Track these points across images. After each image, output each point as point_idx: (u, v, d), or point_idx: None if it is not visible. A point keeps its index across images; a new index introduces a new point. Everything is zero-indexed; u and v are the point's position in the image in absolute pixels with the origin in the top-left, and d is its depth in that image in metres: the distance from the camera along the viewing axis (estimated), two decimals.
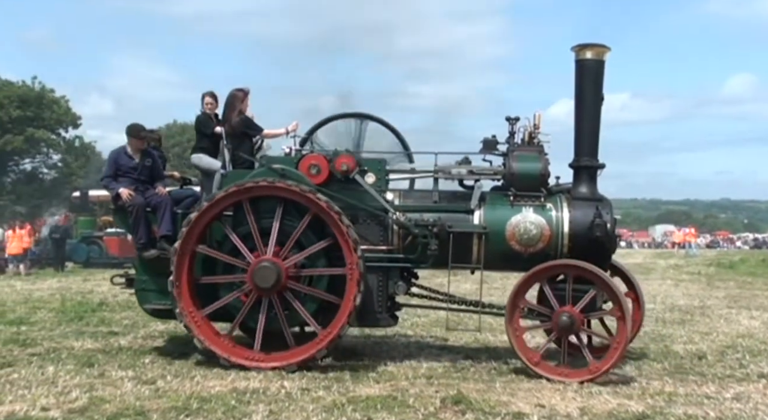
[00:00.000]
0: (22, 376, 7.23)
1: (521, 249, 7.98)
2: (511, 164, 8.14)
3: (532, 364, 7.54)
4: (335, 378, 7.31)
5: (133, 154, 8.72)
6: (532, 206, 8.06)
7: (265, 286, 7.67)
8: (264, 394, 6.59)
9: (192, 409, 6.03)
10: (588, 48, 8.13)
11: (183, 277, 7.74)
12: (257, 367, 7.57)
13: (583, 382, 7.28)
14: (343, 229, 7.62)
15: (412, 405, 6.27)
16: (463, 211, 8.16)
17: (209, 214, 7.81)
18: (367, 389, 6.86)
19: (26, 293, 16.26)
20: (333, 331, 7.68)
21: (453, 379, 7.40)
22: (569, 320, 7.54)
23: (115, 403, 6.20)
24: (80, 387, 6.75)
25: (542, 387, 7.11)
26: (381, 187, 8.16)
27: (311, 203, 7.70)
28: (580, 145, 8.29)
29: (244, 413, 5.95)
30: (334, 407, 6.16)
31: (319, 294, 7.86)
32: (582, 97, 8.25)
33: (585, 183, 8.25)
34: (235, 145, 8.60)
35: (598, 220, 7.84)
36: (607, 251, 8.06)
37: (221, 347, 7.76)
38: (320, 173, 7.96)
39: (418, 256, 8.05)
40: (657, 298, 15.75)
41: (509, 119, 8.34)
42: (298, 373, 7.47)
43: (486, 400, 6.43)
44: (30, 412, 5.90)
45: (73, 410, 5.97)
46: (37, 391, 6.60)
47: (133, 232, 8.56)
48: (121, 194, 8.39)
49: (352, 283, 7.62)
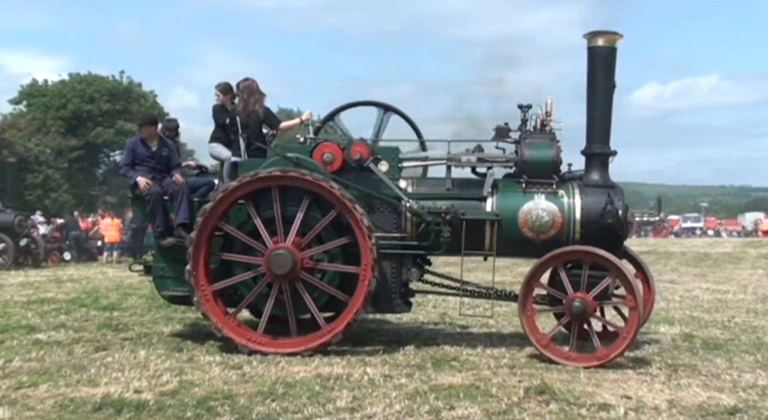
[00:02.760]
0: (115, 359, 7.51)
1: (533, 236, 8.05)
2: (524, 152, 8.19)
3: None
4: (417, 366, 7.33)
5: (150, 143, 8.95)
6: (544, 193, 8.12)
7: (281, 272, 7.79)
8: (347, 380, 6.67)
9: (277, 394, 6.15)
10: (600, 35, 8.16)
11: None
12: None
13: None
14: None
15: (495, 394, 6.23)
16: (476, 198, 8.23)
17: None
18: (449, 378, 6.86)
19: (117, 280, 16.84)
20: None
21: (536, 368, 7.33)
22: (581, 306, 7.58)
23: (204, 387, 6.38)
24: (170, 371, 6.97)
25: (628, 378, 6.98)
26: (394, 175, 8.24)
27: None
28: (592, 133, 8.33)
29: (328, 399, 6.03)
30: (417, 395, 6.18)
31: (328, 289, 7.99)
32: (594, 84, 8.26)
33: (597, 170, 8.29)
34: (249, 134, 8.72)
35: (609, 206, 7.89)
36: (619, 238, 8.11)
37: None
38: (334, 161, 8.05)
39: (431, 243, 8.15)
40: (748, 289, 15.24)
41: (521, 107, 8.41)
42: (380, 360, 7.53)
43: (570, 391, 6.35)
44: (124, 394, 6.12)
45: (164, 393, 6.17)
46: (130, 374, 6.84)
47: (151, 220, 8.81)
48: (139, 183, 8.59)
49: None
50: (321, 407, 5.80)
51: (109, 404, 5.77)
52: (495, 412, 5.76)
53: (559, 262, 7.83)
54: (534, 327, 7.77)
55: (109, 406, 5.74)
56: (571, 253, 7.83)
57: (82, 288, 14.72)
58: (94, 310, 11.22)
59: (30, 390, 6.25)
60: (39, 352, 7.82)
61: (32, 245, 23.00)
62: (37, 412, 5.61)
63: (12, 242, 21.71)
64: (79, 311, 11.01)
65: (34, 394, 6.13)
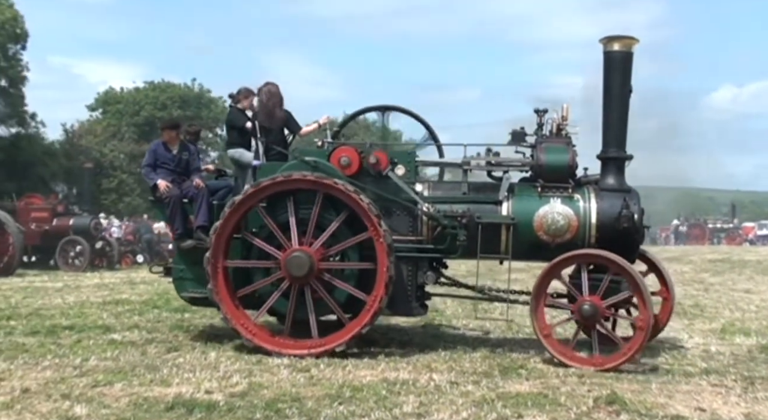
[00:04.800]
0: (187, 360, 7.67)
1: (549, 239, 8.10)
2: (539, 156, 8.24)
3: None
4: (484, 373, 7.28)
5: (171, 147, 9.10)
6: (560, 197, 8.17)
7: (299, 274, 7.86)
8: (414, 386, 6.67)
9: (345, 398, 6.19)
10: (616, 40, 8.16)
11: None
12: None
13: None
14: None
15: (563, 403, 6.14)
16: (492, 202, 8.29)
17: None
18: (516, 386, 6.79)
19: None
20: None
21: (606, 378, 7.19)
22: (591, 309, 7.63)
23: (272, 389, 6.46)
24: (240, 372, 7.08)
25: (702, 390, 6.79)
26: (410, 179, 8.30)
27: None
28: (608, 137, 8.34)
29: (395, 403, 6.04)
30: (484, 402, 6.13)
31: (347, 288, 8.04)
32: (610, 88, 8.26)
33: (612, 174, 8.33)
34: (268, 137, 8.80)
35: (625, 211, 7.90)
36: (635, 242, 8.14)
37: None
38: (351, 165, 8.12)
39: (447, 246, 8.22)
40: None
41: (537, 111, 8.46)
42: (446, 366, 7.51)
43: (642, 402, 6.21)
44: (195, 394, 6.25)
45: (234, 394, 6.28)
46: (201, 375, 6.97)
47: (170, 222, 8.96)
48: (159, 186, 8.76)
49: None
50: (388, 412, 5.82)
51: (180, 404, 5.90)
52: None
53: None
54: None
55: (180, 405, 5.87)
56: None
57: (154, 290, 15.07)
58: (166, 311, 11.47)
59: (106, 388, 6.43)
60: (114, 351, 8.06)
61: (107, 248, 23.71)
62: (112, 410, 5.77)
63: (88, 245, 22.43)
64: (151, 312, 11.29)
65: (110, 392, 6.31)
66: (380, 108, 9.63)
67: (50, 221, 23.13)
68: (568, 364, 7.54)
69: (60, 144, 46.57)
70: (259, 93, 9.05)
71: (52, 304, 12.35)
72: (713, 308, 12.76)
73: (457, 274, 9.65)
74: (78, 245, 22.43)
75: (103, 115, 51.93)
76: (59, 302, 12.72)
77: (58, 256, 22.40)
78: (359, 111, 9.75)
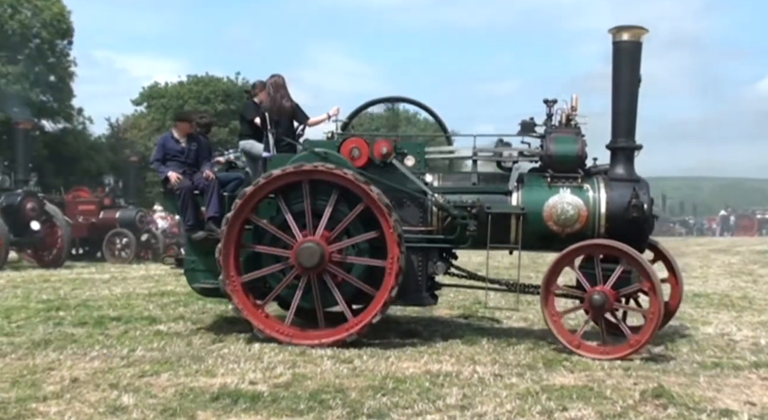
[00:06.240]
0: (231, 351, 7.74)
1: (558, 229, 8.13)
2: (549, 146, 8.28)
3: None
4: (528, 365, 7.23)
5: (180, 139, 9.14)
6: (570, 187, 8.22)
7: (310, 264, 7.89)
8: (457, 378, 6.65)
9: (388, 389, 6.20)
10: (625, 30, 8.16)
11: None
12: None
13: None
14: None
15: (609, 396, 6.07)
16: (502, 192, 8.33)
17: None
18: (561, 378, 6.74)
19: None
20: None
21: (652, 371, 7.09)
22: (601, 299, 7.65)
23: (316, 380, 6.49)
24: (284, 363, 7.13)
25: (752, 383, 6.66)
26: (420, 170, 8.30)
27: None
28: (617, 127, 8.34)
29: (438, 395, 6.03)
30: (528, 395, 6.09)
31: (355, 282, 8.04)
32: (619, 78, 8.26)
33: (622, 164, 8.34)
34: (281, 129, 8.81)
35: (635, 200, 7.93)
36: (644, 231, 8.19)
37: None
38: (361, 156, 8.15)
39: (457, 236, 8.27)
40: None
41: (547, 101, 8.47)
42: (489, 359, 7.47)
43: (689, 395, 6.11)
44: (240, 385, 6.31)
45: (278, 385, 6.32)
46: (245, 365, 7.03)
47: (182, 214, 9.03)
48: (170, 177, 8.83)
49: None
50: (431, 404, 5.80)
51: (225, 394, 5.96)
52: (609, 415, 5.62)
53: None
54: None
55: (226, 396, 5.92)
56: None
57: None
58: (211, 303, 11.57)
59: (152, 378, 6.53)
60: (160, 342, 8.17)
61: (152, 240, 24.04)
62: (159, 400, 5.85)
63: (134, 237, 22.78)
64: (196, 304, 11.42)
65: (156, 382, 6.40)
66: (389, 99, 9.69)
67: (97, 214, 23.52)
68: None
69: (106, 138, 47.36)
70: (266, 86, 9.14)
71: (99, 296, 12.57)
72: (762, 300, 12.53)
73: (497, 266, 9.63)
74: (124, 237, 22.79)
75: (148, 109, 52.59)
76: (106, 293, 12.94)
77: (104, 248, 22.78)
78: (368, 103, 9.75)
